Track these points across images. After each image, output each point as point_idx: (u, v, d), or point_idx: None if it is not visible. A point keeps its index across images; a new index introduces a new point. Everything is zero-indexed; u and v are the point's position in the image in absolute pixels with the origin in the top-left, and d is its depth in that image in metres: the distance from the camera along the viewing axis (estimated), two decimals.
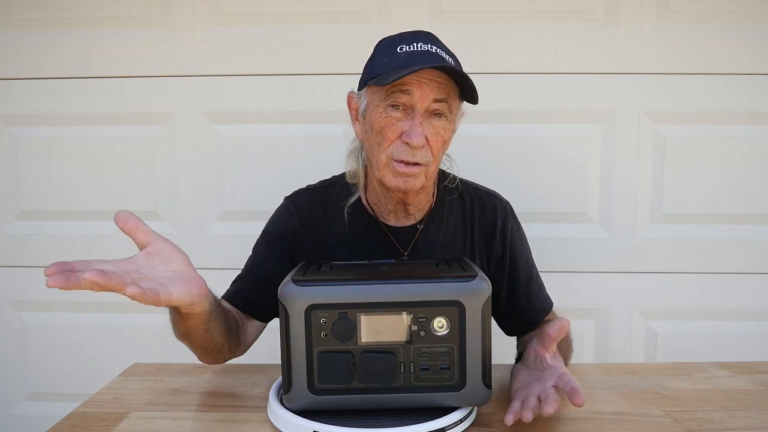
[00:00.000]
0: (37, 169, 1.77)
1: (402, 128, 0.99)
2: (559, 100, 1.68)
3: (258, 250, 1.17)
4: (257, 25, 1.70)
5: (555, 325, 0.85)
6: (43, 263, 1.78)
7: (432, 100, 0.98)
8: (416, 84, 0.97)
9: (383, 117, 1.00)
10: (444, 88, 0.99)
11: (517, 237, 1.18)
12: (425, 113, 0.99)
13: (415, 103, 0.98)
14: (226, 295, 1.15)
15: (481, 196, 1.18)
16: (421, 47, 0.99)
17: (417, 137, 0.97)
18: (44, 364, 1.82)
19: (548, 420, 0.86)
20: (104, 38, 1.71)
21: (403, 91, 0.97)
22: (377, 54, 1.04)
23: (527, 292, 1.17)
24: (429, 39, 1.02)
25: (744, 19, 1.64)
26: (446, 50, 1.03)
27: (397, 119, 0.99)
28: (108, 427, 0.87)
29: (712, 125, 1.67)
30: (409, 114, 0.99)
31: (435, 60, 0.97)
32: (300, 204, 1.17)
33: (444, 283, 0.82)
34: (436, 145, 1.01)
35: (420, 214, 1.14)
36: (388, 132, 1.00)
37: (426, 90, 0.97)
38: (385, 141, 1.01)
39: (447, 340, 0.81)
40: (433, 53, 0.99)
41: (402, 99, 0.98)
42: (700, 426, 0.86)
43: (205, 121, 1.73)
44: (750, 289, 1.71)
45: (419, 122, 0.98)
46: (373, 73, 1.01)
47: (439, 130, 1.01)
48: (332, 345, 0.81)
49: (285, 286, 0.83)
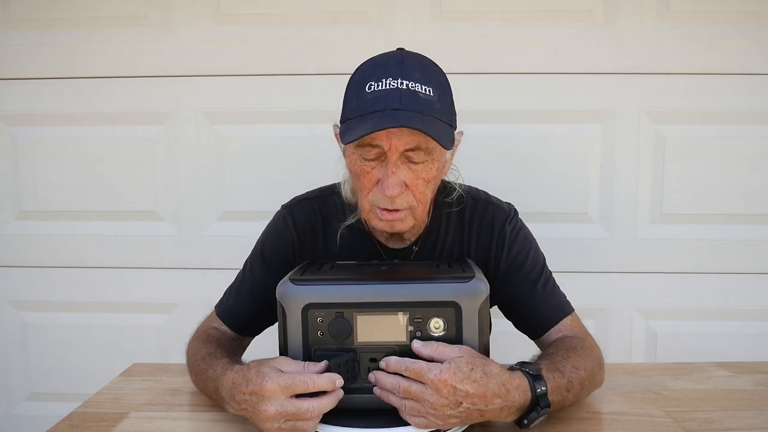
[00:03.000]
0: (37, 169, 1.77)
1: (377, 176, 0.94)
2: (559, 100, 1.68)
3: (255, 268, 1.13)
4: (257, 25, 1.70)
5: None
6: (43, 263, 1.79)
7: (403, 150, 0.91)
8: (384, 137, 0.90)
9: (358, 165, 0.95)
10: (415, 135, 0.90)
11: (518, 241, 1.10)
12: (400, 159, 0.92)
13: (387, 152, 0.91)
14: (223, 313, 1.12)
15: (480, 206, 1.12)
16: (389, 85, 0.90)
17: (390, 188, 0.91)
18: (44, 364, 1.82)
19: (548, 420, 0.86)
20: (104, 38, 1.71)
21: (372, 145, 0.91)
22: (349, 90, 0.97)
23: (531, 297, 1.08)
24: (399, 69, 0.92)
25: (744, 19, 1.64)
26: (420, 73, 0.93)
27: (372, 167, 0.94)
28: (108, 427, 0.87)
29: (712, 125, 1.67)
30: (382, 161, 0.93)
31: (402, 104, 0.88)
32: (297, 217, 1.13)
33: (440, 284, 0.82)
34: (418, 188, 0.94)
35: (415, 235, 1.10)
36: (364, 180, 0.95)
37: (395, 141, 0.90)
38: (364, 189, 0.96)
39: (443, 340, 0.81)
40: (403, 91, 0.89)
41: (373, 152, 0.92)
42: (700, 426, 0.86)
43: (205, 121, 1.73)
44: (750, 289, 1.71)
45: (392, 171, 0.91)
46: (343, 116, 0.96)
47: (419, 173, 0.94)
48: (329, 344, 0.81)
49: (283, 285, 0.84)
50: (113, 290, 1.78)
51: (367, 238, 1.11)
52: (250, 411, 0.78)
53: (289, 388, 0.75)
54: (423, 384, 0.76)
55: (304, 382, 0.75)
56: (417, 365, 0.77)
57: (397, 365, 0.78)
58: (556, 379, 0.84)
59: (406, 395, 0.77)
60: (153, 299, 1.78)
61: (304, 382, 0.75)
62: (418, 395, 0.76)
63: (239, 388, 0.79)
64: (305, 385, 0.75)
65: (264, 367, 0.78)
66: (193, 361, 0.99)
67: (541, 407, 0.80)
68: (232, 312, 1.12)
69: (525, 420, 0.81)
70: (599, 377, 0.95)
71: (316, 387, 0.76)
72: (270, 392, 0.75)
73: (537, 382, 0.80)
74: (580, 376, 0.88)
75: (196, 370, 0.97)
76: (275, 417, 0.75)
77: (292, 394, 0.75)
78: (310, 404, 0.75)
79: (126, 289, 1.78)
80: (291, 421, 0.75)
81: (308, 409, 0.75)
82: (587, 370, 0.90)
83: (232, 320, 1.11)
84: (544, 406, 0.80)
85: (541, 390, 0.80)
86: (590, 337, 1.04)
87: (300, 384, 0.75)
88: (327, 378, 0.76)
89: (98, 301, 1.79)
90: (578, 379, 0.87)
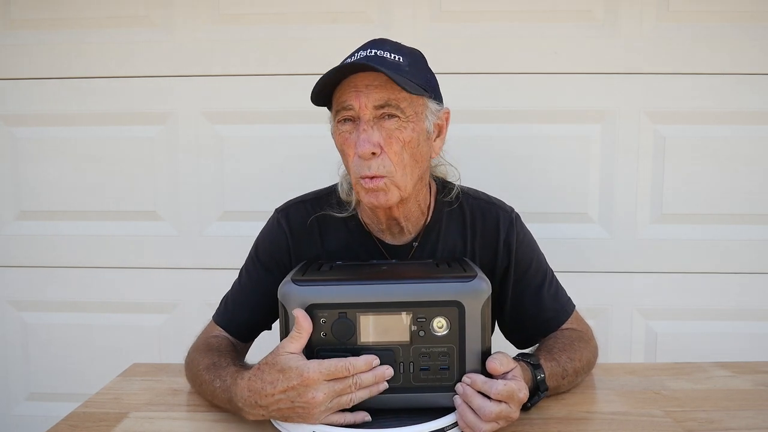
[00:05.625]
0: (37, 169, 1.77)
1: (354, 141, 0.96)
2: (559, 100, 1.68)
3: (252, 273, 1.14)
4: (257, 25, 1.70)
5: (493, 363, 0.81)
6: (43, 263, 1.79)
7: (372, 107, 0.94)
8: (354, 95, 0.93)
9: (338, 135, 0.98)
10: (384, 90, 0.93)
11: (523, 246, 1.12)
12: (372, 120, 0.94)
13: (358, 113, 0.94)
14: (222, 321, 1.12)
15: (482, 207, 1.12)
16: (359, 55, 0.96)
17: (361, 145, 0.93)
18: (44, 364, 1.82)
19: (549, 420, 0.86)
20: (104, 38, 1.71)
21: (345, 107, 0.95)
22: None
23: (536, 303, 1.10)
24: (374, 44, 0.98)
25: (744, 19, 1.64)
26: (395, 49, 0.97)
27: (349, 132, 0.97)
28: (108, 427, 0.87)
29: (712, 125, 1.67)
30: (357, 125, 0.96)
31: (367, 62, 0.92)
32: (292, 220, 1.13)
33: (444, 284, 0.82)
34: (392, 148, 0.95)
35: (415, 230, 1.10)
36: (346, 148, 0.97)
37: (363, 99, 0.93)
38: (347, 159, 0.98)
39: (446, 340, 0.81)
40: (370, 56, 0.94)
41: (345, 114, 0.95)
42: (700, 426, 0.87)
43: (205, 121, 1.73)
44: (750, 289, 1.71)
45: (363, 129, 0.94)
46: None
47: (393, 132, 0.95)
48: (332, 345, 0.81)
49: (285, 285, 0.83)
50: (113, 290, 1.78)
51: (366, 236, 1.11)
52: (291, 406, 0.79)
53: (332, 374, 0.78)
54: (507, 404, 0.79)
55: (346, 368, 0.78)
56: (509, 387, 0.79)
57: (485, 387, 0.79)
58: (552, 367, 0.94)
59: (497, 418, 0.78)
60: (153, 299, 1.78)
61: (345, 367, 0.78)
62: (506, 415, 0.79)
63: (266, 391, 0.79)
64: (347, 370, 0.78)
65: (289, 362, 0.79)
66: (195, 372, 0.98)
67: (541, 391, 0.91)
68: (231, 319, 1.12)
69: (528, 403, 0.88)
70: (593, 364, 1.07)
71: (356, 370, 0.78)
72: (314, 381, 0.77)
73: (537, 370, 0.91)
74: (574, 366, 0.98)
75: (199, 381, 0.96)
76: (324, 401, 0.78)
77: (332, 378, 0.78)
78: (352, 379, 0.78)
79: (126, 289, 1.78)
80: (336, 398, 0.79)
81: (352, 384, 0.78)
82: (581, 360, 1.01)
83: (232, 327, 1.11)
84: (544, 390, 0.91)
85: (540, 377, 0.91)
86: (589, 329, 1.13)
87: (342, 369, 0.78)
88: (365, 360, 0.79)
89: (98, 301, 1.78)
90: (573, 369, 0.98)
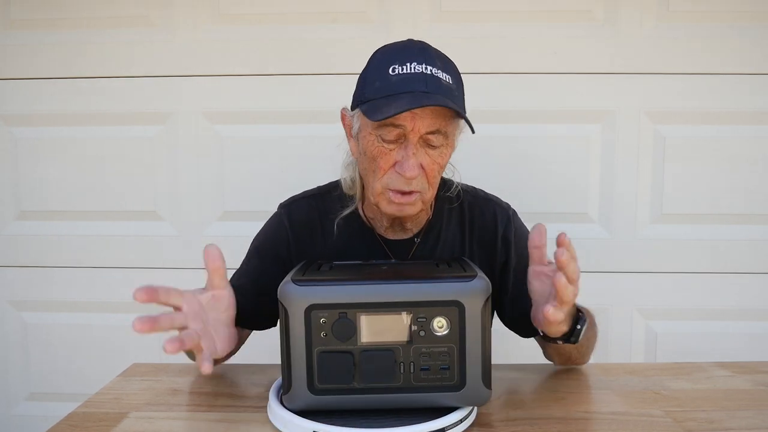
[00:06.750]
0: (36, 169, 1.77)
1: (395, 158, 0.96)
2: (559, 100, 1.68)
3: (252, 263, 1.14)
4: (257, 25, 1.70)
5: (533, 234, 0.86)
6: (43, 263, 1.79)
7: (424, 133, 0.95)
8: (409, 118, 0.93)
9: (375, 146, 0.97)
10: (437, 118, 0.94)
11: (522, 241, 1.11)
12: (419, 142, 0.96)
13: (408, 133, 0.95)
14: None
15: (480, 203, 1.15)
16: (414, 69, 0.94)
17: (410, 170, 0.94)
18: (44, 364, 1.82)
19: (549, 420, 0.86)
20: (104, 38, 1.71)
21: (395, 125, 0.94)
22: (369, 72, 1.00)
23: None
24: (423, 55, 0.96)
25: (744, 19, 1.64)
26: (443, 65, 0.97)
27: (390, 149, 0.96)
28: (108, 427, 0.87)
29: (712, 125, 1.67)
30: (402, 143, 0.96)
31: (429, 88, 0.93)
32: (294, 215, 1.14)
33: (444, 283, 0.82)
34: (432, 173, 0.98)
35: (417, 227, 1.12)
36: (381, 162, 0.97)
37: (419, 123, 0.94)
38: (379, 170, 0.98)
39: (447, 340, 0.81)
40: (428, 75, 0.94)
41: (394, 133, 0.95)
42: (700, 426, 0.86)
43: (205, 121, 1.73)
44: (750, 289, 1.71)
45: (412, 153, 0.95)
46: (364, 96, 0.98)
47: (436, 158, 0.97)
48: (332, 345, 0.81)
49: (285, 285, 0.83)
50: (113, 290, 1.78)
51: (367, 231, 1.12)
52: None
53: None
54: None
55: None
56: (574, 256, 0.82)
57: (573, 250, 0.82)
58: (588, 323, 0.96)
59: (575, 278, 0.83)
60: None
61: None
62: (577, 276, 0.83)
63: None
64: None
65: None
66: None
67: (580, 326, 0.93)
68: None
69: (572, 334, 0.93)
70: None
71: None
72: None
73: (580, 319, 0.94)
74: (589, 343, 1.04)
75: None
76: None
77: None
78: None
79: (126, 289, 1.75)
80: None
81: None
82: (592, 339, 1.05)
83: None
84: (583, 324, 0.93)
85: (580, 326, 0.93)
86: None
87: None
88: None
89: (98, 301, 1.78)
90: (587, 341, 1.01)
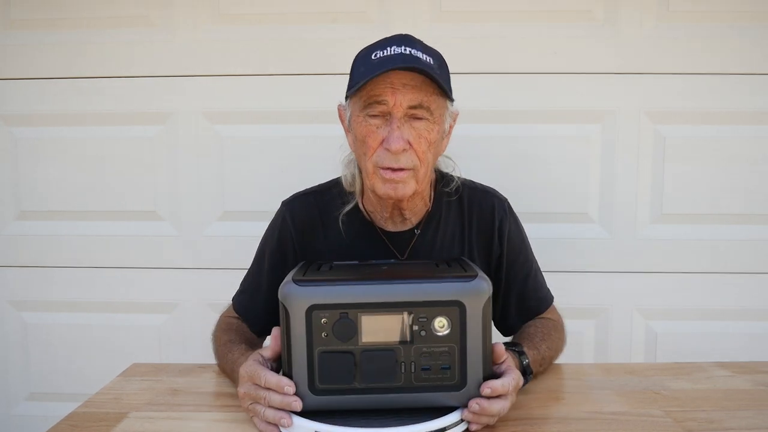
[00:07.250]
0: (36, 169, 1.76)
1: (382, 135, 1.00)
2: (559, 100, 1.68)
3: (261, 264, 1.19)
4: (257, 25, 1.70)
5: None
6: (43, 263, 1.79)
7: (407, 107, 0.98)
8: (390, 92, 0.98)
9: (364, 126, 1.01)
10: (419, 92, 0.98)
11: (514, 235, 1.18)
12: (404, 117, 0.99)
13: (391, 109, 0.99)
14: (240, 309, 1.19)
15: (478, 195, 1.18)
16: (394, 51, 0.99)
17: (395, 142, 0.98)
18: (44, 364, 1.82)
19: (549, 420, 0.86)
20: (104, 38, 1.71)
21: (378, 102, 0.99)
22: (354, 65, 1.05)
23: (522, 292, 1.18)
24: (404, 41, 1.01)
25: (744, 19, 1.64)
26: (424, 49, 1.01)
27: (377, 126, 1.01)
28: (108, 427, 0.87)
29: (712, 125, 1.67)
30: (387, 120, 1.00)
31: (406, 61, 0.97)
32: (296, 212, 1.17)
33: (444, 283, 0.82)
34: (420, 147, 1.01)
35: (416, 218, 1.14)
36: (370, 140, 1.01)
37: (399, 97, 0.98)
38: (369, 150, 1.02)
39: (447, 339, 0.81)
40: (406, 55, 0.98)
41: (378, 108, 0.99)
42: (700, 426, 0.87)
43: (205, 121, 1.73)
44: (750, 289, 1.71)
45: (397, 126, 0.99)
46: (350, 84, 1.03)
47: (422, 132, 1.00)
48: (333, 345, 0.81)
49: (286, 286, 0.83)
50: (113, 290, 1.78)
51: (368, 224, 1.15)
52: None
53: (251, 377, 0.85)
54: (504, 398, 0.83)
55: (259, 376, 0.84)
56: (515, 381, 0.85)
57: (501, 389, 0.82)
58: (534, 355, 1.03)
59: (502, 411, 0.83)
60: (153, 299, 1.78)
61: (259, 375, 0.84)
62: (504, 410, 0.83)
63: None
64: (259, 378, 0.84)
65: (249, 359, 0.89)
66: (216, 347, 1.11)
67: (527, 374, 0.99)
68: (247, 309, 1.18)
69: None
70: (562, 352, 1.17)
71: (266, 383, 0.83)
72: (242, 377, 0.87)
73: (522, 356, 1.00)
74: (551, 354, 1.10)
75: (219, 355, 1.09)
76: (244, 398, 0.86)
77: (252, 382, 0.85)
78: (267, 393, 0.83)
79: (126, 289, 1.78)
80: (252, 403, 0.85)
81: (263, 397, 0.83)
82: (557, 350, 1.13)
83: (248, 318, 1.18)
84: (529, 373, 1.00)
85: (525, 362, 1.00)
86: (561, 319, 1.21)
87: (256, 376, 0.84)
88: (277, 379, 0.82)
89: (98, 301, 1.78)
90: (549, 357, 1.09)
